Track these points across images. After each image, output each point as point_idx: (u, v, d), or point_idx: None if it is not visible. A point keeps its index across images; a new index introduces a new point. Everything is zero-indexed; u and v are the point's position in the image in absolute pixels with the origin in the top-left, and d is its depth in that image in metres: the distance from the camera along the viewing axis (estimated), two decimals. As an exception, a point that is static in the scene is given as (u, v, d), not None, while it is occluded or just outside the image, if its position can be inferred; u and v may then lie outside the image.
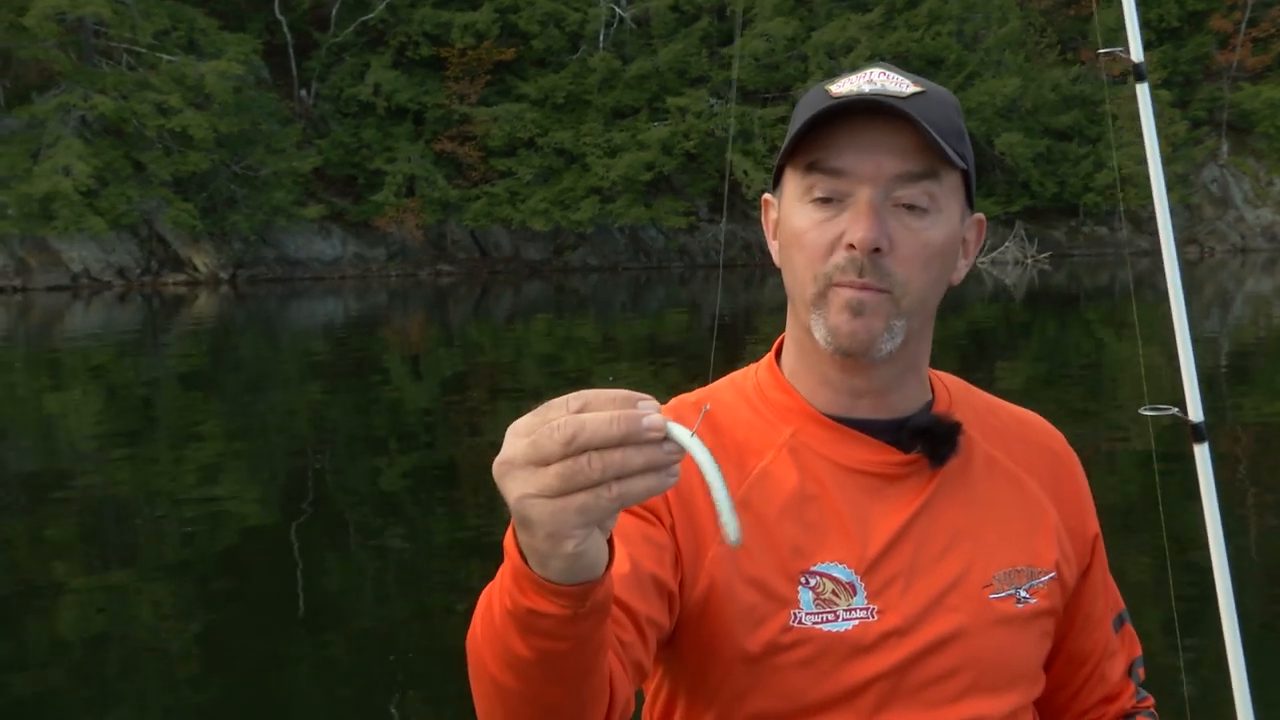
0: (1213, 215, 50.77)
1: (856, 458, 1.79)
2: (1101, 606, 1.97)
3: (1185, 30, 52.01)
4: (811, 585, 1.73)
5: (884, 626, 1.73)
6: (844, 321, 1.71)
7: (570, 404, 1.18)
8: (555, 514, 1.19)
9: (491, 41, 45.46)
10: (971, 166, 1.78)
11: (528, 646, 1.35)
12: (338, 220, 43.80)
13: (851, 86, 1.73)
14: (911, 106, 1.68)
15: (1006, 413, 1.97)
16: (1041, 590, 1.82)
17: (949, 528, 1.80)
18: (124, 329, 29.61)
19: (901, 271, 1.70)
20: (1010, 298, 34.22)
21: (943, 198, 1.72)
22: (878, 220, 1.68)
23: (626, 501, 1.18)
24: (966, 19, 48.08)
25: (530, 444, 1.18)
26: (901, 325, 1.73)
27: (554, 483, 1.17)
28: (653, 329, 27.42)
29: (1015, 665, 1.81)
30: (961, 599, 1.77)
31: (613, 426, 1.16)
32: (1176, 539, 8.48)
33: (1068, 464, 1.97)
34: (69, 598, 8.50)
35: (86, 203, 37.25)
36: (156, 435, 15.13)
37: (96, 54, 40.31)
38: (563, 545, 1.22)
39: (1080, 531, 1.92)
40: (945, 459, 1.81)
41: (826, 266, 1.71)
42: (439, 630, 7.82)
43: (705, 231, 47.37)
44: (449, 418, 15.77)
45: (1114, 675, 1.99)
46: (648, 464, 1.17)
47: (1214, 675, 4.66)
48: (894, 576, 1.75)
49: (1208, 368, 18.89)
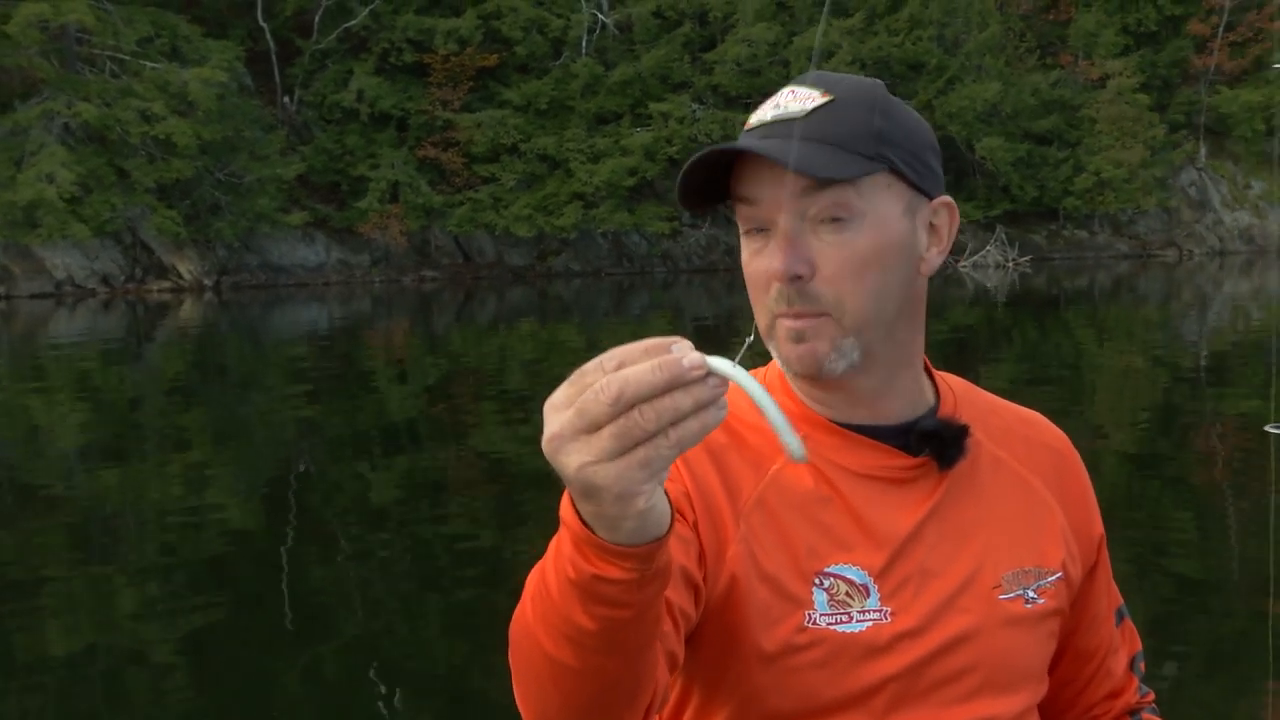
0: (1191, 218, 50.98)
1: (866, 463, 1.80)
2: (1106, 604, 2.00)
3: (1163, 34, 52.24)
4: (825, 586, 1.74)
5: (897, 628, 1.74)
6: (789, 350, 1.73)
7: (605, 364, 1.19)
8: (620, 474, 1.19)
9: (474, 48, 45.50)
10: (908, 157, 1.75)
11: (591, 617, 1.34)
12: (321, 227, 43.79)
13: (762, 113, 1.77)
14: (805, 127, 1.69)
15: (1010, 413, 1.99)
16: (1049, 590, 1.85)
17: (959, 529, 1.81)
18: (108, 336, 29.54)
19: (831, 291, 1.70)
20: (992, 301, 34.32)
21: (864, 201, 1.70)
22: (791, 249, 1.68)
23: (685, 445, 1.18)
24: (947, 24, 48.23)
25: (576, 412, 1.18)
26: (851, 342, 1.73)
27: (611, 444, 1.17)
28: (636, 333, 27.37)
29: (1024, 665, 1.83)
30: (972, 600, 1.79)
31: (656, 374, 1.16)
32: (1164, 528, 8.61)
33: (1072, 464, 1.98)
34: (53, 604, 8.45)
35: (70, 210, 37.20)
36: (141, 442, 15.09)
37: (80, 61, 40.26)
38: (633, 504, 1.22)
39: (1086, 531, 1.94)
40: (954, 461, 1.82)
41: (768, 300, 1.73)
42: (425, 636, 7.83)
43: (688, 236, 47.47)
44: (434, 423, 15.76)
45: (1118, 670, 2.03)
46: (697, 403, 1.18)
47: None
48: (907, 578, 1.77)
49: (1187, 369, 19.02)
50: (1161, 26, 51.97)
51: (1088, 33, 50.79)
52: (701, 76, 46.91)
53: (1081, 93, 50.14)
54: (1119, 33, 51.01)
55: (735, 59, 45.88)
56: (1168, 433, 13.86)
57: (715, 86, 46.77)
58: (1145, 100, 48.86)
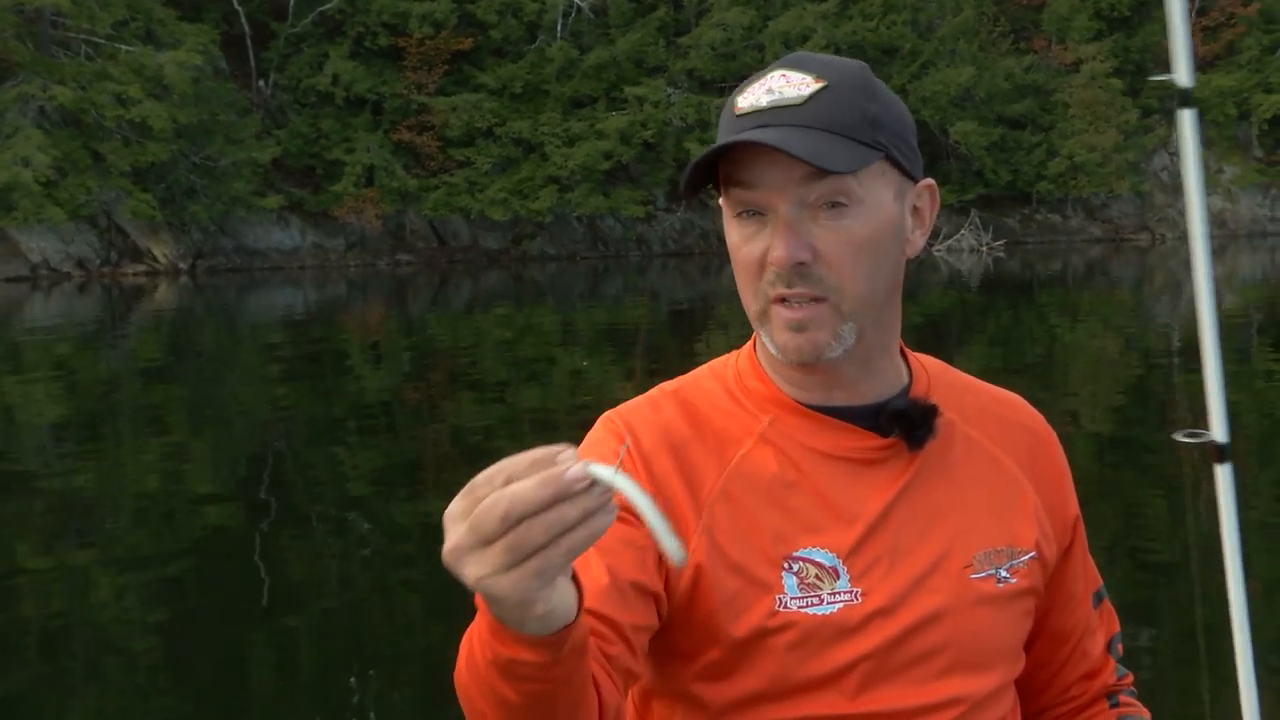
0: (1163, 203, 51.10)
1: (835, 444, 1.80)
2: (1082, 585, 2.00)
3: (1135, 19, 52.36)
4: (795, 570, 1.74)
5: (868, 608, 1.75)
6: (788, 339, 1.73)
7: (495, 480, 1.21)
8: (515, 585, 1.22)
9: (449, 31, 45.50)
10: (899, 142, 1.75)
11: (514, 691, 1.39)
12: (296, 210, 43.77)
13: (753, 99, 1.72)
14: (807, 114, 1.68)
15: (986, 393, 1.98)
16: (1022, 570, 1.84)
17: (929, 509, 1.81)
18: (84, 319, 29.52)
19: (833, 276, 1.70)
20: (966, 285, 34.44)
21: (862, 188, 1.70)
22: (793, 234, 1.68)
23: (576, 552, 1.22)
24: (921, 8, 48.33)
25: (469, 529, 1.21)
26: (850, 328, 1.73)
27: (503, 558, 1.21)
28: (611, 317, 27.52)
29: (996, 644, 1.83)
30: (943, 579, 1.79)
31: (541, 490, 1.19)
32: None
33: (1047, 444, 1.97)
34: (28, 586, 8.48)
35: (46, 193, 37.16)
36: (117, 425, 15.12)
37: (54, 44, 40.17)
38: (532, 610, 1.26)
39: (1060, 511, 1.94)
40: (923, 441, 1.81)
41: (762, 283, 1.72)
42: (401, 615, 7.89)
43: (662, 220, 47.51)
44: (409, 405, 15.82)
45: (1094, 651, 2.02)
46: (584, 513, 1.20)
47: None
48: (876, 559, 1.77)
49: (1159, 352, 19.15)
50: (1134, 11, 52.14)
51: (1061, 17, 50.92)
52: (676, 61, 46.95)
53: (1055, 77, 50.28)
54: (1092, 17, 51.12)
55: (710, 43, 45.93)
56: (1142, 417, 13.96)
57: (690, 71, 46.81)
58: (1118, 85, 49.00)
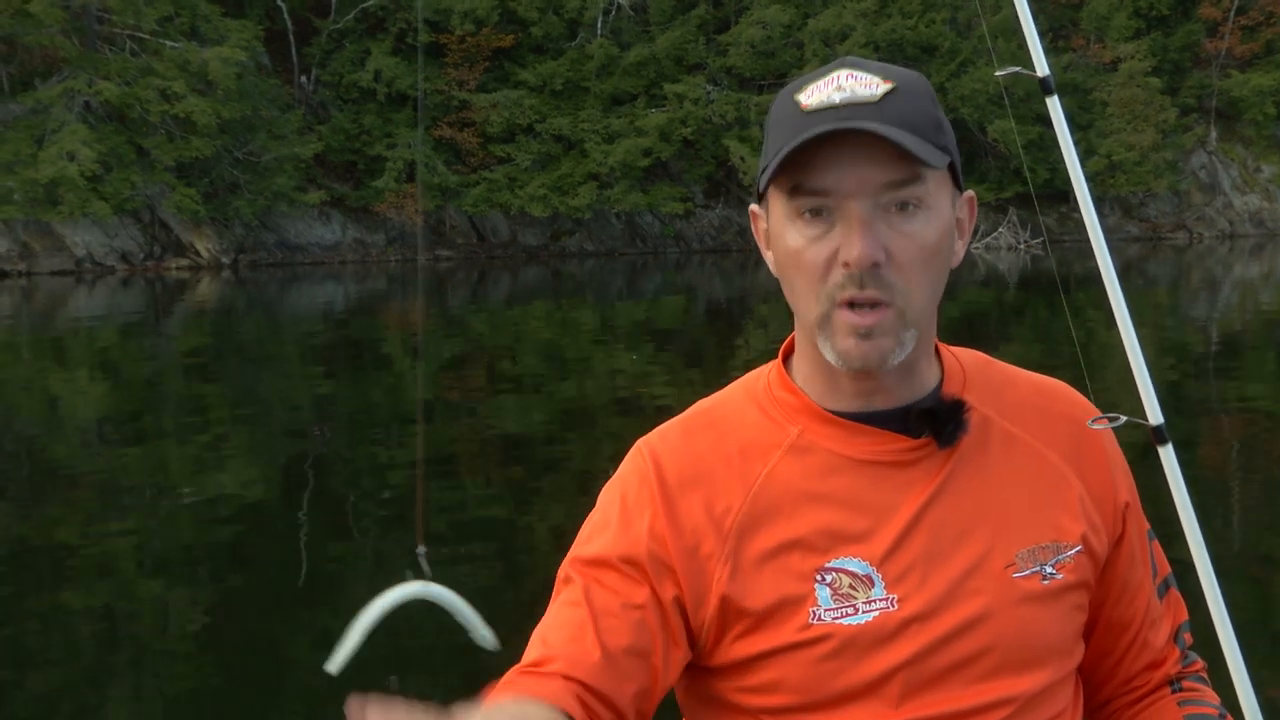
0: (1201, 201, 50.95)
1: (865, 449, 1.77)
2: (1141, 573, 1.93)
3: (1174, 18, 52.10)
4: (828, 582, 1.73)
5: (904, 614, 1.72)
6: (852, 345, 1.68)
7: None
8: None
9: (490, 28, 45.57)
10: (954, 151, 1.73)
11: None
12: (338, 206, 43.99)
13: (821, 96, 1.67)
14: (885, 111, 1.64)
15: (1027, 385, 1.93)
16: (1068, 564, 1.80)
17: (966, 509, 1.77)
18: (127, 313, 29.84)
19: (901, 280, 1.66)
20: (1004, 283, 34.44)
21: (931, 195, 1.68)
22: (870, 235, 1.64)
23: None
24: (959, 6, 48.16)
25: None
26: (911, 335, 1.70)
27: None
28: (649, 313, 27.66)
29: (1045, 642, 1.78)
30: (984, 580, 1.75)
31: None
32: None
33: (1091, 432, 1.91)
34: (73, 574, 8.65)
35: (91, 188, 37.38)
36: (160, 417, 15.35)
37: (100, 40, 40.45)
38: None
39: (1108, 500, 1.88)
40: (954, 439, 1.78)
41: (827, 286, 1.68)
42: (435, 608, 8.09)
43: (701, 217, 47.57)
44: (448, 400, 15.91)
45: (1158, 641, 1.95)
46: None
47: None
48: (912, 564, 1.74)
49: (1198, 354, 19.19)
50: (1173, 10, 51.83)
51: (1100, 16, 50.71)
52: (716, 58, 46.99)
53: (1093, 76, 50.08)
54: (1131, 16, 50.88)
55: (750, 41, 45.94)
56: (1176, 414, 14.03)
57: (730, 68, 46.84)
58: (1157, 84, 48.79)
